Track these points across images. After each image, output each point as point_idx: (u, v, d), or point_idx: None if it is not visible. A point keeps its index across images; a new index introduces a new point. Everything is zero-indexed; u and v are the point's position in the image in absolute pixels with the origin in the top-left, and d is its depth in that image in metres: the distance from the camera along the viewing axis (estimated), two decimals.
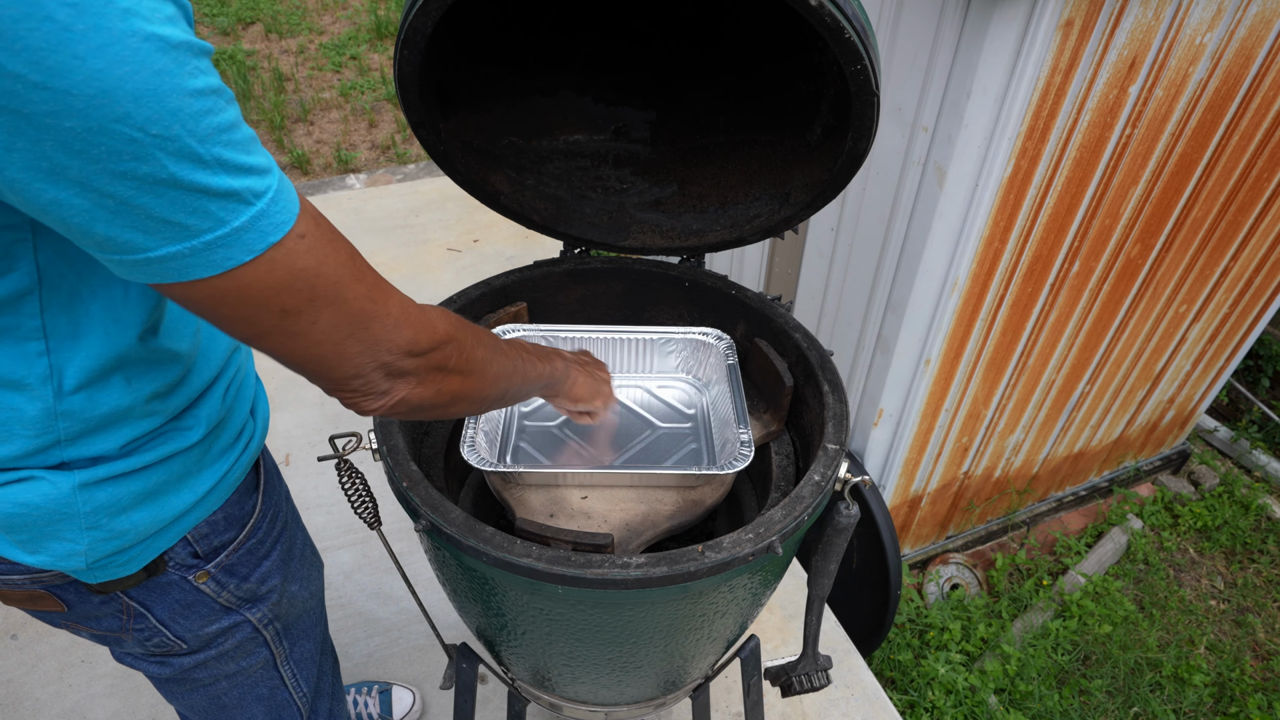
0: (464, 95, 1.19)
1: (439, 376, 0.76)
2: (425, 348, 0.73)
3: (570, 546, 0.93)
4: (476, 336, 0.82)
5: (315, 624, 1.15)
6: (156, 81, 0.50)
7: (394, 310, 0.70)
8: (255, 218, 0.57)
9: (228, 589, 0.95)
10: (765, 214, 1.24)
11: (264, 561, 0.99)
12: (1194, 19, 1.67)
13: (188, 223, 0.55)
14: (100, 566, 0.82)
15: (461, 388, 0.80)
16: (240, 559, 0.95)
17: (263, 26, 5.91)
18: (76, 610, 0.89)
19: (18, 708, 1.85)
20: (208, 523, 0.90)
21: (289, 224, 0.60)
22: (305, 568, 1.10)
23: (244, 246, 0.57)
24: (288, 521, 1.06)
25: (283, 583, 1.03)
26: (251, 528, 0.96)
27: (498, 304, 1.29)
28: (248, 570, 0.97)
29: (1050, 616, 2.73)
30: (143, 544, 0.84)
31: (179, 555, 0.89)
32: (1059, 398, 2.56)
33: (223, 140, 0.55)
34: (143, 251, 0.56)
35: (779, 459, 1.20)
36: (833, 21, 0.85)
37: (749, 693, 1.46)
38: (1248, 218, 2.29)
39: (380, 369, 0.70)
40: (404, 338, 0.70)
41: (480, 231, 3.59)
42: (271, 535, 1.00)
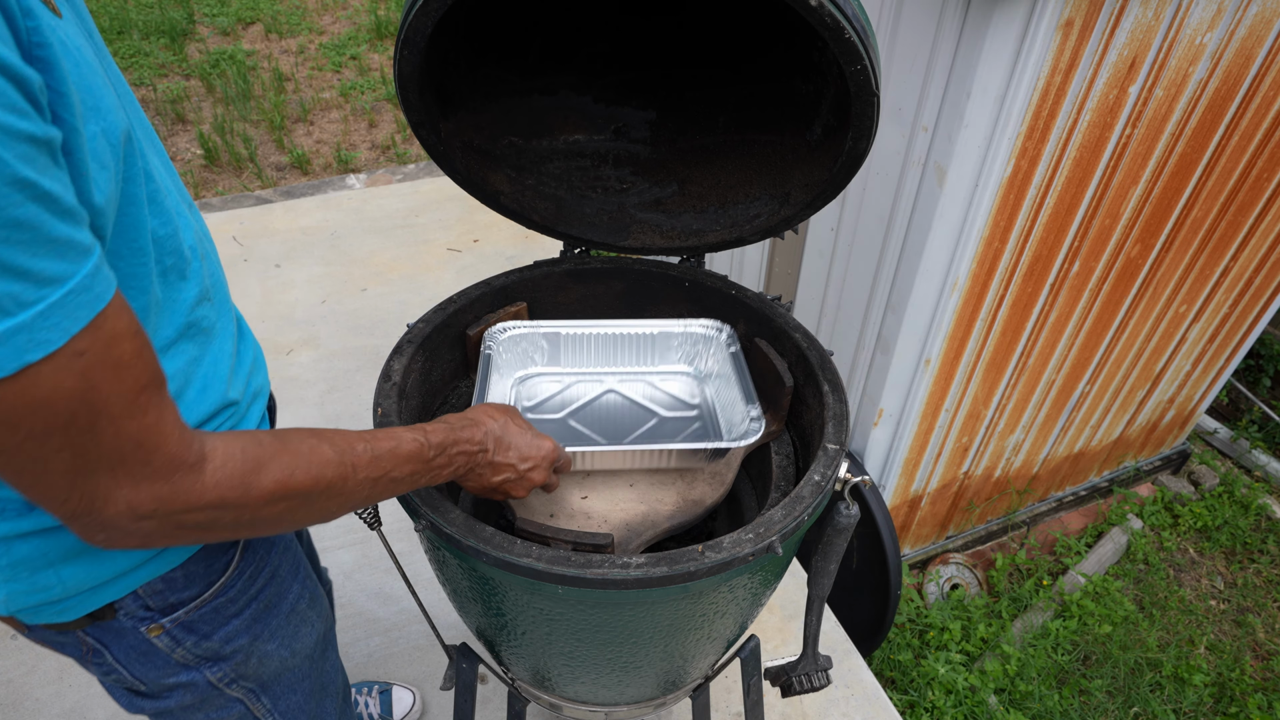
0: (464, 95, 1.19)
1: (190, 533, 0.66)
2: (173, 510, 0.62)
3: (570, 546, 0.93)
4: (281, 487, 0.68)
5: (303, 678, 1.06)
6: None
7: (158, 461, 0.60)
8: (12, 331, 0.50)
9: (184, 645, 0.87)
10: (765, 214, 1.24)
11: (232, 620, 0.91)
12: (1194, 19, 1.67)
13: None
14: (29, 613, 0.77)
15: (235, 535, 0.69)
16: (202, 617, 0.87)
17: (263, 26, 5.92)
18: (37, 634, 0.85)
19: (18, 708, 1.85)
20: (163, 580, 0.82)
21: (56, 343, 0.52)
22: (292, 624, 1.00)
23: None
24: (276, 576, 0.96)
25: (252, 642, 0.94)
26: (221, 587, 0.87)
27: (498, 304, 1.29)
28: (209, 629, 0.89)
29: (1050, 616, 2.73)
30: (77, 597, 0.78)
31: (129, 606, 0.82)
32: (1059, 398, 2.56)
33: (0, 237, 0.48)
34: None
35: (779, 459, 1.20)
36: (833, 21, 0.85)
37: (749, 693, 1.46)
38: (1248, 218, 2.29)
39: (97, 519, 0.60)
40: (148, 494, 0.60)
41: (480, 231, 3.59)
42: (247, 594, 0.91)
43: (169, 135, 4.63)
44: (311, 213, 3.69)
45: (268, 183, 4.30)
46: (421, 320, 1.18)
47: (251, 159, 4.45)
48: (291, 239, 3.51)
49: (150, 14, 5.77)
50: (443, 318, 1.19)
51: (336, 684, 1.18)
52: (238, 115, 4.83)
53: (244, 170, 4.40)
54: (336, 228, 3.60)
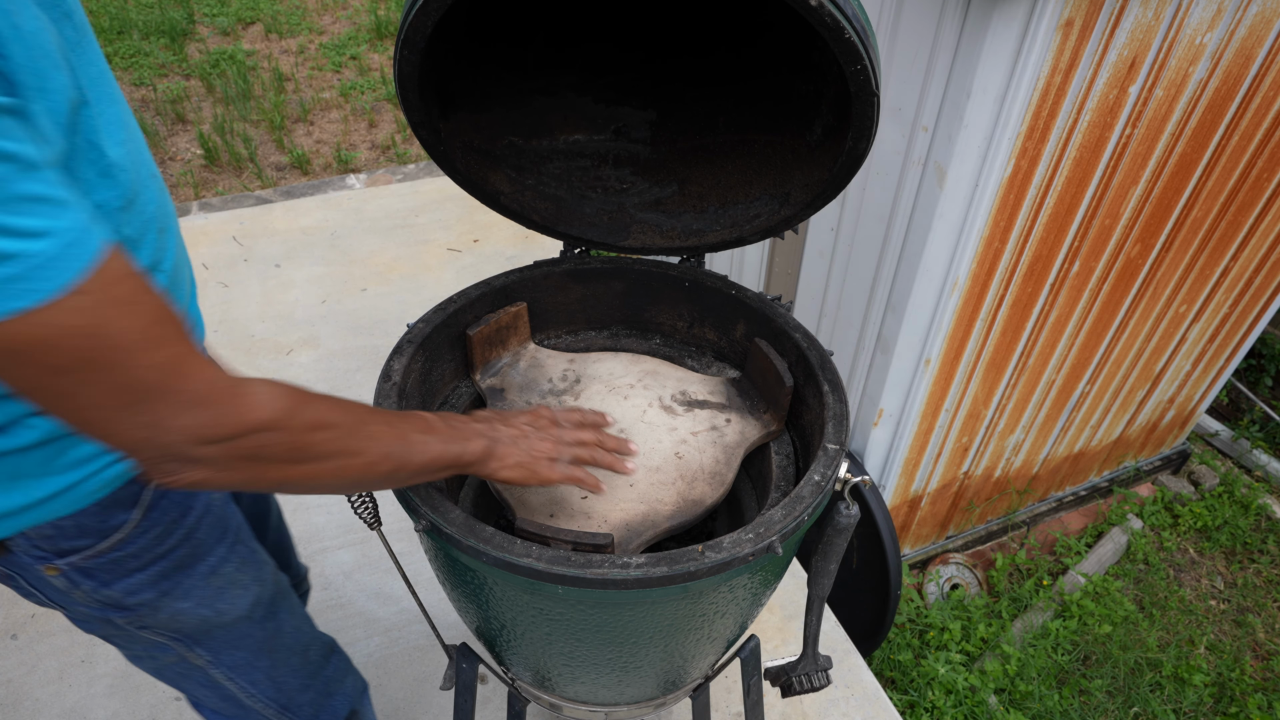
0: (464, 95, 1.19)
1: (250, 465, 0.69)
2: (228, 434, 0.66)
3: (570, 546, 0.93)
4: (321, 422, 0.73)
5: (242, 637, 1.07)
6: None
7: (195, 385, 0.64)
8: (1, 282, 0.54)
9: (81, 589, 0.90)
10: (765, 214, 1.24)
11: (135, 574, 0.92)
12: (1194, 19, 1.67)
13: None
14: None
15: (288, 475, 0.73)
16: (99, 566, 0.89)
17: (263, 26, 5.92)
18: None
19: (18, 708, 1.85)
20: (52, 525, 0.85)
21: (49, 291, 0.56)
22: (214, 587, 1.00)
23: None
24: (192, 538, 0.97)
25: (159, 598, 0.95)
26: (118, 542, 0.89)
27: (498, 304, 1.29)
28: (109, 578, 0.91)
29: (1050, 616, 2.73)
30: None
31: (20, 544, 0.85)
32: (1059, 398, 2.56)
33: None
34: None
35: (779, 459, 1.20)
36: (833, 21, 0.85)
37: (749, 693, 1.46)
38: (1248, 218, 2.29)
39: (162, 451, 0.64)
40: (199, 419, 0.64)
41: (480, 231, 3.59)
42: (153, 552, 0.93)
43: (169, 135, 4.64)
44: (311, 213, 3.69)
45: (268, 183, 4.30)
46: (421, 320, 1.18)
47: (251, 159, 4.45)
48: (291, 239, 3.51)
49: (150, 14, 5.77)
50: (443, 318, 1.19)
51: (299, 644, 1.18)
52: (238, 115, 4.83)
53: (244, 170, 4.40)
54: (336, 228, 3.60)
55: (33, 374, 0.58)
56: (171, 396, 0.63)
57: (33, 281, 0.55)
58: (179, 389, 0.63)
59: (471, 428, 0.92)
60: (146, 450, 0.65)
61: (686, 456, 1.18)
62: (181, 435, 0.64)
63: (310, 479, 0.75)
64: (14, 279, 0.54)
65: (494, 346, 1.30)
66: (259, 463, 0.70)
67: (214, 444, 0.66)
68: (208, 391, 0.65)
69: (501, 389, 1.27)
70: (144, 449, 0.64)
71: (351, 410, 0.78)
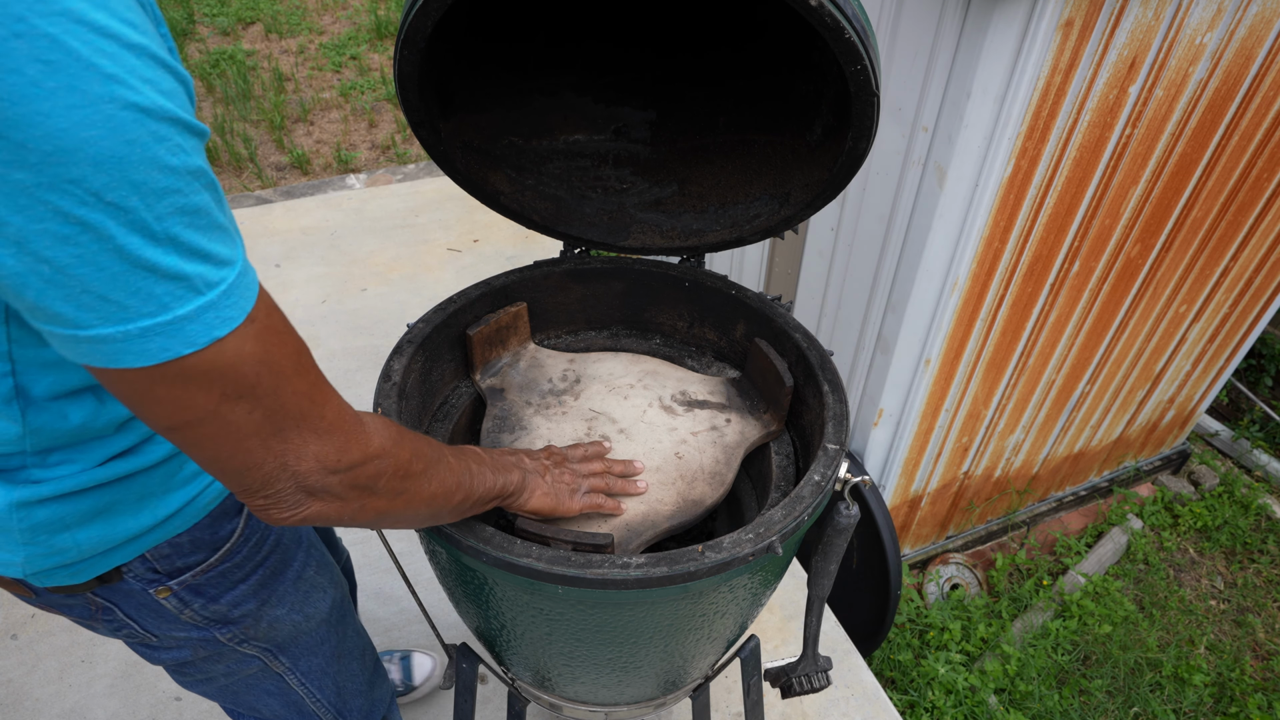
0: (464, 95, 1.19)
1: (361, 495, 0.70)
2: (351, 463, 0.68)
3: (570, 546, 0.93)
4: (416, 453, 0.76)
5: (321, 642, 1.10)
6: (125, 150, 0.49)
7: (329, 414, 0.66)
8: (202, 308, 0.55)
9: (191, 607, 0.91)
10: (765, 214, 1.24)
11: (239, 585, 0.94)
12: (1194, 19, 1.67)
13: (127, 303, 0.52)
14: (43, 575, 0.80)
15: (389, 507, 0.74)
16: (209, 580, 0.91)
17: (263, 26, 5.91)
18: (45, 598, 0.87)
19: (18, 708, 1.85)
20: (170, 544, 0.86)
21: (239, 319, 0.57)
22: (300, 591, 1.04)
23: (185, 338, 0.54)
24: (281, 544, 1.00)
25: (259, 607, 0.98)
26: (226, 553, 0.91)
27: (498, 304, 1.29)
28: (217, 593, 0.92)
29: (1050, 616, 2.73)
30: (89, 560, 0.81)
31: (136, 569, 0.85)
32: (1059, 398, 2.56)
33: (184, 221, 0.53)
34: (74, 327, 0.52)
35: (779, 459, 1.20)
36: (833, 21, 0.85)
37: (749, 693, 1.46)
38: (1248, 218, 2.29)
39: (294, 479, 0.65)
40: (331, 447, 0.66)
41: (480, 231, 3.59)
42: (253, 560, 0.95)
43: None
44: (311, 213, 3.69)
45: (268, 183, 4.30)
46: (421, 320, 1.18)
47: (251, 159, 4.45)
48: (291, 239, 3.51)
49: None
50: (443, 318, 1.19)
51: (359, 648, 1.21)
52: (238, 115, 4.83)
53: (244, 170, 4.40)
54: (336, 228, 3.60)
55: (203, 401, 0.58)
56: (313, 422, 0.64)
57: (226, 310, 0.56)
58: (318, 415, 0.65)
59: (507, 460, 0.96)
60: (278, 482, 0.64)
61: (686, 456, 1.18)
62: (315, 463, 0.65)
63: (403, 510, 0.76)
64: (213, 306, 0.55)
65: (494, 346, 1.30)
66: (368, 493, 0.71)
67: (338, 473, 0.67)
68: (338, 419, 0.67)
69: (501, 389, 1.27)
70: (277, 479, 0.64)
71: (431, 443, 0.81)
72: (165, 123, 0.51)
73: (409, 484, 0.75)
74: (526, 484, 0.96)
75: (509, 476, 0.93)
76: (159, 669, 1.91)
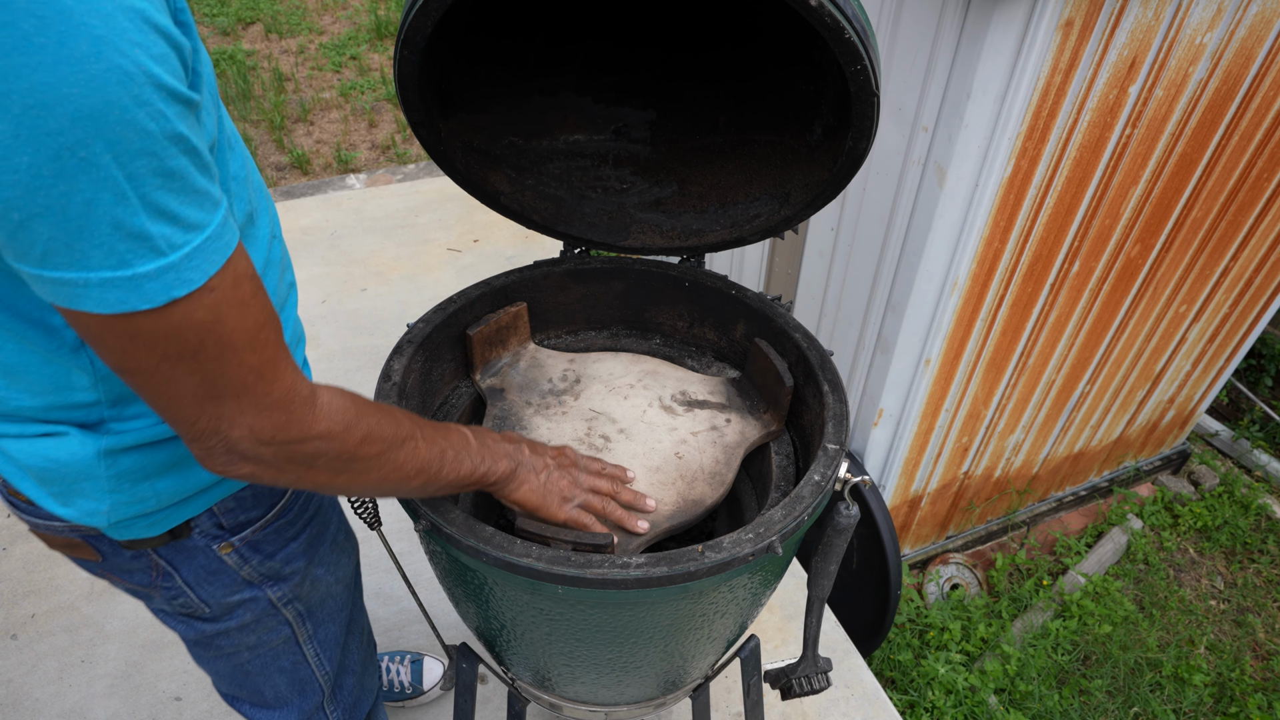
0: (464, 95, 1.19)
1: (297, 468, 0.73)
2: (287, 439, 0.69)
3: (570, 546, 0.93)
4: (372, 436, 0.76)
5: (341, 609, 1.15)
6: (103, 110, 0.50)
7: (275, 392, 0.67)
8: (163, 269, 0.56)
9: (250, 564, 0.96)
10: (765, 214, 1.24)
11: (291, 543, 1.00)
12: (1194, 19, 1.67)
13: (90, 254, 0.54)
14: (123, 526, 0.85)
15: (329, 481, 0.77)
16: (266, 537, 0.96)
17: (263, 26, 5.92)
18: (110, 562, 0.91)
19: (18, 708, 1.85)
20: (235, 498, 0.91)
21: (198, 282, 0.59)
22: (335, 553, 1.10)
23: (143, 295, 0.56)
24: (321, 507, 1.06)
25: (307, 565, 1.04)
26: (282, 508, 0.97)
27: (498, 304, 1.29)
28: (273, 549, 0.98)
29: (1050, 616, 2.73)
30: (166, 510, 0.86)
31: (204, 524, 0.90)
32: (1059, 398, 2.56)
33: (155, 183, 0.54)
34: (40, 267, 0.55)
35: (779, 459, 1.20)
36: (833, 21, 0.85)
37: (749, 693, 1.46)
38: (1248, 218, 2.29)
39: (224, 442, 0.67)
40: (267, 422, 0.67)
41: (480, 231, 3.59)
42: (302, 518, 1.01)
43: None
44: (311, 213, 3.69)
45: (268, 182, 4.30)
46: (421, 320, 1.18)
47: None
48: (291, 239, 3.51)
49: None
50: (443, 318, 1.19)
51: (361, 626, 1.26)
52: (238, 115, 4.83)
53: None
54: (336, 228, 3.60)
55: (145, 357, 0.60)
56: (253, 397, 0.66)
57: (186, 273, 0.58)
58: (263, 391, 0.66)
59: (502, 448, 0.96)
60: (208, 439, 0.67)
61: (686, 456, 1.18)
62: (248, 432, 0.67)
63: (347, 485, 0.79)
64: (173, 268, 0.57)
65: (494, 346, 1.30)
66: (307, 467, 0.73)
67: (273, 445, 0.69)
68: (285, 398, 0.68)
69: (501, 389, 1.27)
70: (207, 438, 0.67)
71: (400, 424, 0.81)
72: (148, 87, 0.52)
73: (355, 464, 0.77)
74: (516, 475, 0.96)
75: (495, 465, 0.93)
76: (159, 669, 1.91)
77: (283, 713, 1.18)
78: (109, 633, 1.99)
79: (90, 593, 2.08)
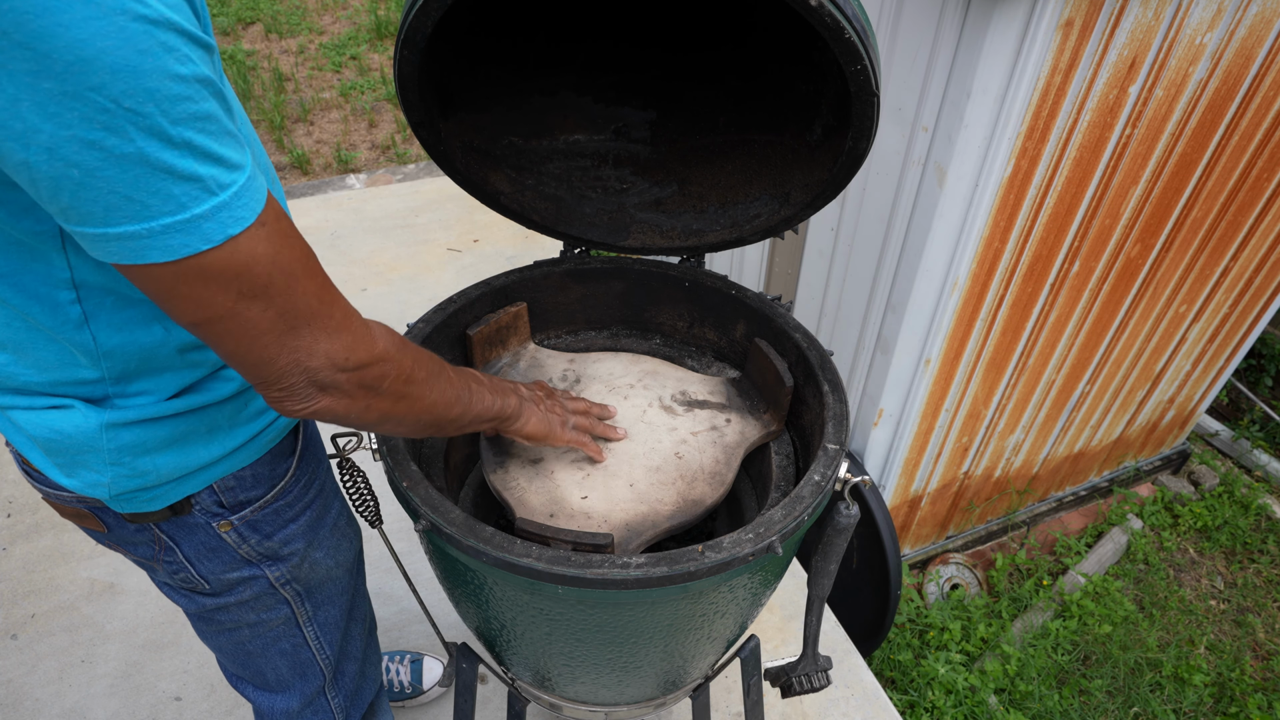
0: (464, 95, 1.19)
1: (367, 395, 0.76)
2: (358, 363, 0.73)
3: (570, 546, 0.93)
4: (418, 360, 0.82)
5: (341, 593, 1.16)
6: (138, 60, 0.52)
7: (337, 315, 0.71)
8: (217, 208, 0.59)
9: (249, 542, 0.98)
10: (765, 214, 1.24)
11: (290, 524, 1.01)
12: (1194, 19, 1.67)
13: (149, 202, 0.56)
14: (124, 499, 0.87)
15: (391, 409, 0.80)
16: (265, 517, 0.98)
17: (263, 26, 5.92)
18: (115, 533, 0.93)
19: (18, 708, 1.85)
20: (235, 477, 0.93)
21: (250, 219, 0.61)
22: (335, 537, 1.11)
23: (202, 235, 0.59)
24: (324, 490, 1.08)
25: (306, 548, 1.05)
26: (281, 490, 0.98)
27: (498, 304, 1.29)
28: (271, 529, 0.99)
29: (1050, 616, 2.73)
30: (166, 486, 0.88)
31: (204, 501, 0.92)
32: (1059, 398, 2.56)
33: (195, 126, 0.57)
34: (103, 225, 0.57)
35: (779, 459, 1.20)
36: (833, 21, 0.85)
37: (749, 693, 1.46)
38: (1248, 218, 2.29)
39: (306, 374, 0.70)
40: (339, 345, 0.71)
41: (480, 231, 3.59)
42: (303, 501, 1.02)
43: None
44: (311, 213, 3.69)
45: None
46: (421, 320, 1.18)
47: None
48: None
49: None
50: (443, 318, 1.20)
51: (364, 611, 1.28)
52: None
53: None
54: (336, 228, 3.60)
55: (221, 299, 0.62)
56: (323, 321, 0.69)
57: (238, 210, 0.60)
58: (329, 315, 0.70)
59: (507, 385, 1.02)
60: (291, 375, 0.69)
61: (686, 456, 1.18)
62: (325, 360, 0.70)
63: (405, 413, 0.82)
64: (226, 206, 0.59)
65: (494, 346, 1.30)
66: (374, 393, 0.76)
67: (346, 371, 0.72)
68: (345, 320, 0.71)
69: None
70: (290, 374, 0.69)
71: (433, 357, 0.87)
72: (172, 33, 0.54)
73: (411, 389, 0.80)
74: (523, 410, 1.02)
75: (506, 400, 0.99)
76: (159, 669, 1.91)
77: (284, 696, 1.19)
78: (109, 633, 1.99)
79: (90, 593, 2.08)
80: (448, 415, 0.88)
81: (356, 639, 1.25)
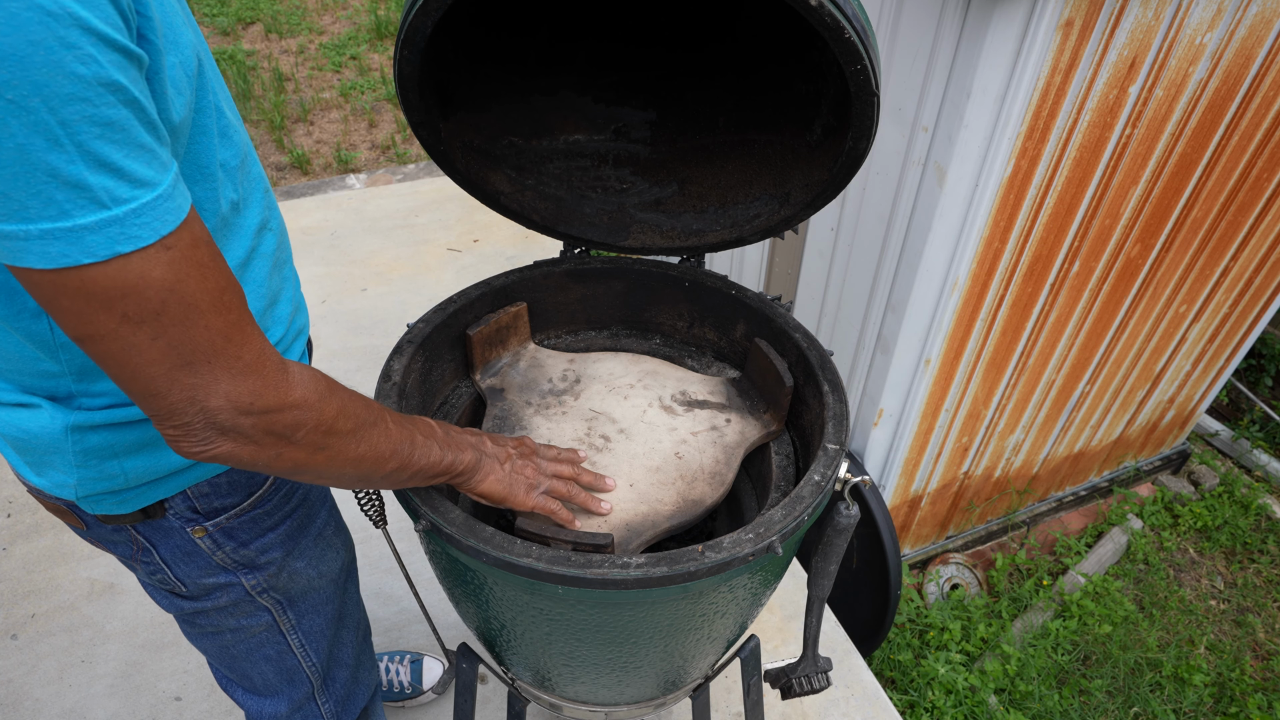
0: (464, 95, 1.19)
1: (277, 443, 0.70)
2: (265, 407, 0.67)
3: (570, 546, 0.93)
4: (344, 410, 0.75)
5: (326, 601, 1.14)
6: (27, 50, 0.49)
7: (247, 356, 0.66)
8: (105, 222, 0.55)
9: (224, 549, 0.96)
10: (765, 214, 1.24)
11: (268, 533, 0.99)
12: (1194, 19, 1.67)
13: (28, 203, 0.53)
14: (93, 501, 0.85)
15: (308, 460, 0.74)
16: (241, 525, 0.96)
17: (263, 26, 5.92)
18: (94, 531, 0.92)
19: (18, 708, 1.85)
20: (209, 483, 0.90)
21: (148, 240, 0.57)
22: (319, 548, 1.09)
23: (84, 248, 0.55)
24: (306, 500, 1.05)
25: (285, 557, 1.03)
26: (259, 499, 0.96)
27: (498, 304, 1.29)
28: (248, 537, 0.97)
29: (1050, 616, 2.73)
30: (136, 490, 0.86)
31: (178, 506, 0.90)
32: (1059, 398, 2.56)
33: (92, 132, 0.53)
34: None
35: (779, 459, 1.20)
36: (833, 21, 0.85)
37: (749, 693, 1.46)
38: (1248, 218, 2.29)
39: (203, 415, 0.65)
40: (244, 388, 0.66)
41: (480, 231, 3.59)
42: (282, 510, 1.00)
43: None
44: (311, 213, 3.69)
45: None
46: (421, 320, 1.18)
47: None
48: (291, 239, 3.50)
49: None
50: (443, 318, 1.20)
51: (356, 618, 1.25)
52: None
53: None
54: (336, 228, 3.60)
55: (104, 320, 0.59)
56: (227, 361, 0.64)
57: (134, 229, 0.57)
58: (234, 355, 0.65)
59: (465, 439, 0.95)
60: (186, 413, 0.65)
61: (686, 456, 1.18)
62: (226, 401, 0.65)
63: (324, 466, 0.76)
64: (120, 221, 0.56)
65: (494, 346, 1.30)
66: (286, 442, 0.71)
67: (251, 415, 0.67)
68: (257, 362, 0.67)
69: (501, 389, 1.27)
70: (184, 411, 0.64)
71: (370, 405, 0.80)
72: (76, 30, 0.51)
73: (332, 440, 0.74)
74: (480, 466, 0.95)
75: (460, 455, 0.91)
76: (159, 669, 1.91)
77: (273, 701, 1.18)
78: (109, 633, 1.99)
79: (90, 593, 2.08)
80: (380, 470, 0.81)
81: (348, 645, 1.23)
